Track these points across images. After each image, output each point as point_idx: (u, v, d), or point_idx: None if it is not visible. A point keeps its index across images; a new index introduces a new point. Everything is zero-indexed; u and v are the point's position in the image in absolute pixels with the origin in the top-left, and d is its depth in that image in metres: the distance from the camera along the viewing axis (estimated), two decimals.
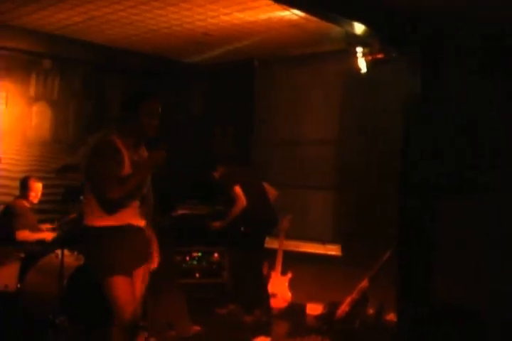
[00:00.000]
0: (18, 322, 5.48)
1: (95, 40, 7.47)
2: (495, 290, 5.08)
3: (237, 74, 8.19)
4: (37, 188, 6.55)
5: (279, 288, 6.86)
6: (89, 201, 3.98)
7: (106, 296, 3.94)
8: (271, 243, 7.12)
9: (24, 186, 6.52)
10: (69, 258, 5.73)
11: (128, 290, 3.94)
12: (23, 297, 5.67)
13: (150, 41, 7.45)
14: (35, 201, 6.58)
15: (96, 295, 5.43)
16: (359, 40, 6.01)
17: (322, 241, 7.39)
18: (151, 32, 7.05)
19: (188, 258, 7.16)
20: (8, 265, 5.77)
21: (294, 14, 6.06)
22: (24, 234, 6.25)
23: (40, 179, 6.65)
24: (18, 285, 5.72)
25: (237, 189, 6.79)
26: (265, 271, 7.01)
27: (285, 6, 5.65)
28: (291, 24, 6.50)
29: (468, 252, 5.33)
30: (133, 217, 4.04)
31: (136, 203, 4.05)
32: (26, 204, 6.51)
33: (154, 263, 4.27)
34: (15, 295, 5.67)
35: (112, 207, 3.91)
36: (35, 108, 7.33)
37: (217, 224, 7.03)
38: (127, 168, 3.92)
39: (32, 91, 7.28)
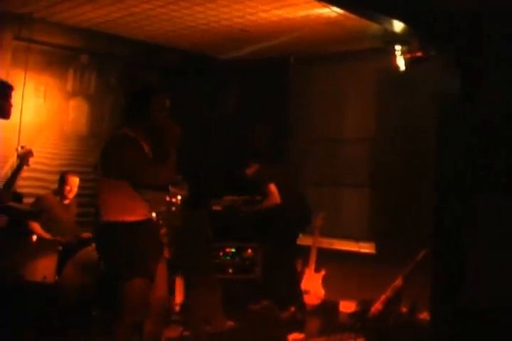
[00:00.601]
0: (55, 314, 5.53)
1: (133, 36, 7.53)
2: None
3: (272, 71, 8.17)
4: (72, 182, 6.54)
5: (313, 285, 6.86)
6: (109, 195, 3.97)
7: (119, 294, 3.91)
8: (305, 240, 7.15)
9: (61, 180, 6.56)
10: None
11: (145, 292, 3.91)
12: (61, 288, 5.72)
13: (187, 37, 7.49)
14: (70, 196, 6.57)
15: None
16: (397, 38, 5.98)
17: (356, 239, 7.39)
18: (188, 28, 7.08)
19: (221, 253, 7.19)
20: (46, 257, 5.80)
21: (333, 11, 6.05)
22: (32, 225, 6.21)
23: (77, 173, 6.65)
24: (56, 277, 5.77)
25: (272, 187, 6.80)
26: (299, 268, 7.02)
27: (325, 3, 5.64)
28: (329, 21, 6.50)
29: (505, 252, 5.28)
30: (146, 211, 4.06)
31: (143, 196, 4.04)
32: (55, 198, 6.51)
33: None
34: (53, 287, 5.73)
35: (161, 185, 4.07)
36: (72, 103, 7.40)
37: (247, 208, 7.04)
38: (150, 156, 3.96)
39: (69, 86, 7.36)
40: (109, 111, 7.72)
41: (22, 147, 4.99)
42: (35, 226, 6.21)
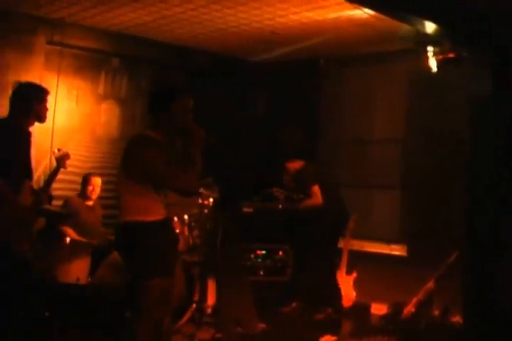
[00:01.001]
0: (88, 315, 5.58)
1: (164, 39, 7.57)
2: None
3: (302, 73, 8.17)
4: (94, 183, 6.58)
5: (344, 288, 6.84)
6: (130, 196, 3.95)
7: (139, 294, 3.93)
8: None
9: (83, 181, 6.61)
10: None
11: (168, 291, 3.95)
12: (93, 290, 5.77)
13: (217, 40, 7.52)
14: (93, 196, 6.61)
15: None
16: (429, 39, 5.95)
17: (387, 241, 7.35)
18: (219, 31, 7.11)
19: (252, 256, 7.20)
20: (80, 258, 5.87)
21: (365, 13, 6.03)
22: (67, 231, 6.28)
23: (99, 174, 6.71)
24: (89, 279, 5.82)
25: (316, 188, 6.75)
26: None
27: (356, 5, 5.63)
28: (360, 23, 6.47)
29: None
30: (164, 211, 4.04)
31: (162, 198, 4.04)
32: (80, 200, 6.56)
33: None
34: (85, 288, 5.78)
35: (189, 191, 4.01)
36: (103, 106, 7.48)
37: (288, 205, 7.06)
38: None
39: (101, 89, 7.43)
40: (140, 114, 7.76)
41: (59, 150, 5.01)
42: (68, 230, 6.28)
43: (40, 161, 6.78)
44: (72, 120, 7.16)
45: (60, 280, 5.71)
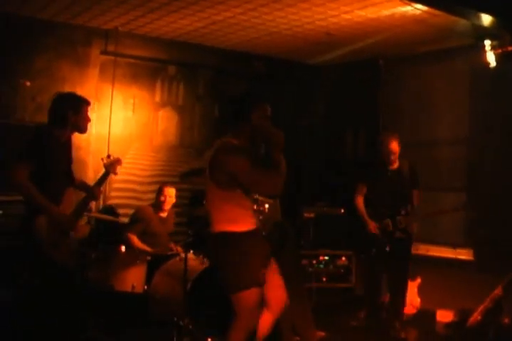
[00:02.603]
0: (144, 324, 5.57)
1: (218, 45, 7.56)
2: None
3: (362, 74, 8.03)
4: (167, 193, 6.54)
5: (409, 294, 6.59)
6: (219, 205, 3.98)
7: (233, 304, 3.96)
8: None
9: (157, 192, 6.59)
10: (194, 261, 5.78)
11: (258, 300, 3.96)
12: (150, 299, 5.76)
13: (272, 44, 7.44)
14: (166, 207, 6.57)
15: (220, 300, 5.59)
16: (488, 33, 5.71)
17: (453, 245, 7.07)
18: (272, 34, 7.03)
19: (314, 261, 7.07)
20: (136, 267, 5.86)
21: (417, 9, 5.81)
22: (131, 238, 6.29)
23: (173, 184, 6.65)
24: (145, 287, 5.82)
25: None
26: None
27: (406, 1, 5.43)
28: (415, 19, 6.25)
29: None
30: (255, 220, 4.05)
31: (252, 205, 4.07)
32: (153, 211, 6.54)
33: None
34: (142, 297, 5.77)
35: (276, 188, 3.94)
36: (161, 113, 7.50)
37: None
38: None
39: (158, 97, 7.46)
40: (199, 121, 7.78)
41: (108, 156, 5.03)
42: (133, 237, 6.29)
43: (98, 170, 6.85)
44: (129, 128, 7.22)
45: (116, 288, 5.75)
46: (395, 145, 6.12)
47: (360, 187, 6.36)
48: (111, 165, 5.01)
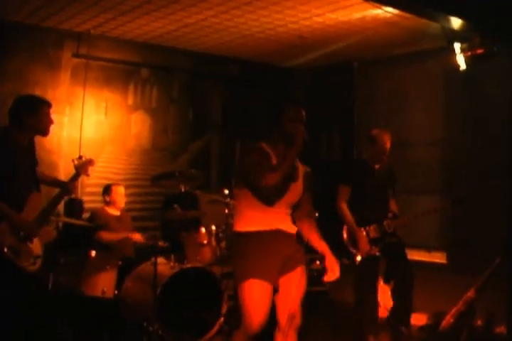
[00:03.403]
0: (114, 328, 5.52)
1: (191, 47, 7.53)
2: None
3: (336, 77, 8.05)
4: (116, 191, 6.50)
5: (382, 297, 6.57)
6: (236, 206, 4.07)
7: (238, 301, 3.89)
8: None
9: (105, 191, 6.54)
10: (164, 266, 5.73)
11: (262, 298, 3.82)
12: (120, 304, 5.71)
13: (245, 46, 7.43)
14: (119, 205, 6.53)
15: (191, 305, 5.56)
16: (458, 35, 5.70)
17: (427, 248, 7.06)
18: (245, 37, 7.02)
19: None
20: (106, 272, 5.82)
21: (387, 12, 5.82)
22: (106, 235, 6.22)
23: (120, 184, 6.63)
24: (116, 292, 5.76)
25: None
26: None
27: (376, 4, 5.43)
28: (387, 22, 6.27)
29: None
30: (283, 223, 3.95)
31: (286, 209, 3.97)
32: (106, 210, 6.48)
33: (331, 275, 4.08)
34: (112, 302, 5.72)
35: (268, 197, 3.85)
36: (134, 117, 7.44)
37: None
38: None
39: (130, 100, 7.40)
40: (172, 124, 7.73)
41: (80, 157, 4.95)
42: (102, 233, 6.21)
43: (69, 174, 6.79)
44: (101, 132, 7.16)
45: (86, 293, 5.69)
46: (389, 143, 5.87)
47: (344, 190, 5.86)
48: (82, 167, 4.92)
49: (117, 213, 6.56)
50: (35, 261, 4.31)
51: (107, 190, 6.54)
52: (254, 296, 3.81)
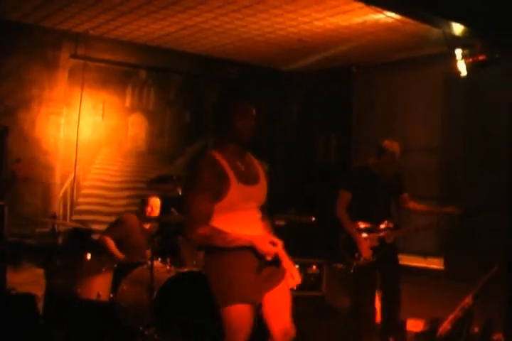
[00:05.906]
0: (109, 332, 5.47)
1: (190, 50, 7.51)
2: None
3: (335, 82, 8.02)
4: (153, 203, 6.30)
5: (377, 303, 6.54)
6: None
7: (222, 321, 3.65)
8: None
9: (142, 202, 6.36)
10: (161, 269, 5.68)
11: (245, 320, 3.58)
12: (115, 307, 5.66)
13: (245, 50, 7.42)
14: (152, 214, 6.31)
15: (187, 309, 5.52)
16: (459, 42, 5.67)
17: (424, 254, 7.04)
18: (244, 40, 7.00)
19: None
20: (102, 275, 5.76)
21: (389, 17, 5.80)
22: (107, 241, 6.12)
23: (158, 195, 6.40)
24: (111, 295, 5.71)
25: None
26: None
27: (378, 8, 5.40)
28: (388, 27, 6.25)
29: None
30: (257, 231, 3.68)
31: (258, 214, 3.78)
32: (136, 219, 6.30)
33: (291, 282, 3.86)
34: (107, 305, 5.67)
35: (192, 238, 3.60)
36: (131, 119, 7.40)
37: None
38: (233, 182, 3.58)
39: (128, 102, 7.37)
40: (169, 127, 7.70)
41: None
42: (109, 240, 6.12)
43: (66, 176, 6.77)
44: (98, 134, 7.13)
45: (81, 296, 5.64)
46: (398, 155, 5.72)
47: (345, 195, 5.76)
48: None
49: (147, 226, 6.36)
50: None
51: (143, 200, 6.32)
52: (241, 321, 3.59)
